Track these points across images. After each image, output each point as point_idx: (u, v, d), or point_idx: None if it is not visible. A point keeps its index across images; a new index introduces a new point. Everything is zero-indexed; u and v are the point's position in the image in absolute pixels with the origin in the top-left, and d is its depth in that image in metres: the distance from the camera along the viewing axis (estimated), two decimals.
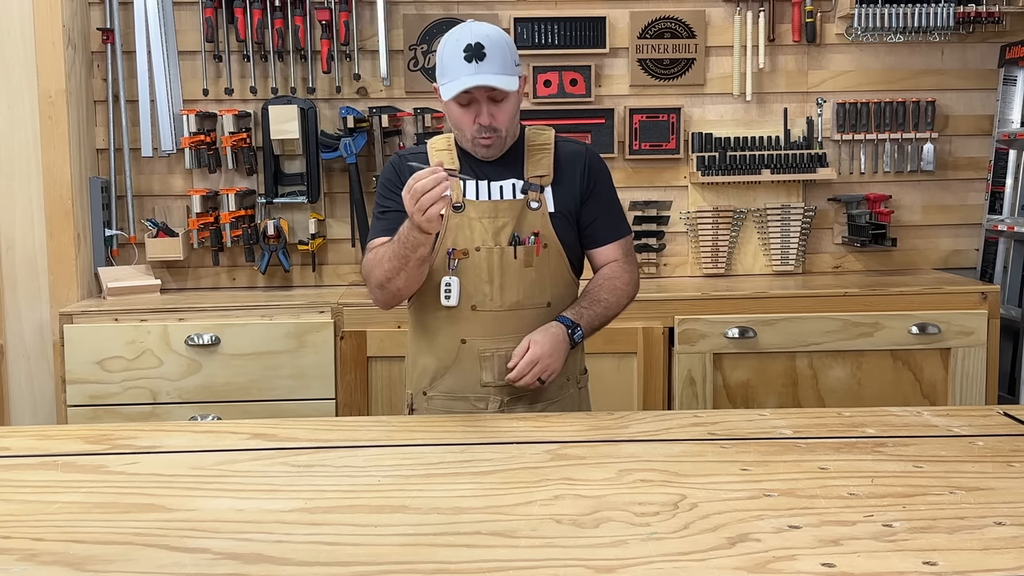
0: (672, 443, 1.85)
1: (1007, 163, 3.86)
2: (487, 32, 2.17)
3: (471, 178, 2.26)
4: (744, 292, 3.48)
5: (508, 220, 2.24)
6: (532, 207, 2.26)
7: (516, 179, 2.28)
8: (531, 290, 2.25)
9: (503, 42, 2.18)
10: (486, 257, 2.23)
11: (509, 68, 2.17)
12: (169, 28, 3.71)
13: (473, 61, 2.13)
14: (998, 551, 1.33)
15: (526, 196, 2.26)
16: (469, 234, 2.24)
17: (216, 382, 3.31)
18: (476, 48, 2.13)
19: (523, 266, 2.24)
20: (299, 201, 3.75)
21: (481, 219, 2.24)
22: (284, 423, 2.06)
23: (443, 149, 2.32)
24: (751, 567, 1.29)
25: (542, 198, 2.27)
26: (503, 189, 2.27)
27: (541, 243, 2.25)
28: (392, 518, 1.48)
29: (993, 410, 2.06)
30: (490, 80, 2.13)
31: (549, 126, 2.39)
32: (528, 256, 2.24)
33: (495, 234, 2.23)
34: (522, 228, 2.25)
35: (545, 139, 2.33)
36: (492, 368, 2.25)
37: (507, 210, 2.24)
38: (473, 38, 2.14)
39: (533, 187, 2.26)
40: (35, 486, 1.67)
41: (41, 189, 3.54)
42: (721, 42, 3.86)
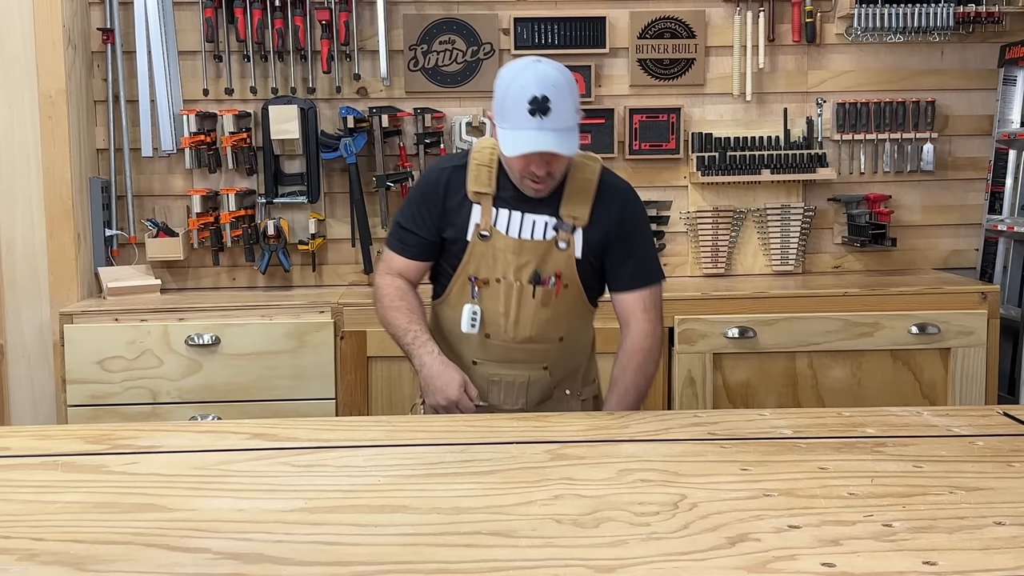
0: (672, 443, 1.85)
1: (1007, 163, 3.86)
2: (553, 80, 2.06)
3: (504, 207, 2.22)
4: (744, 292, 3.48)
5: (532, 259, 2.21)
6: (560, 247, 2.22)
7: (550, 216, 2.21)
8: (545, 327, 2.25)
9: (567, 90, 2.08)
10: (505, 290, 2.23)
11: (572, 119, 2.08)
12: (169, 28, 3.71)
13: (537, 116, 2.03)
14: (998, 551, 1.33)
15: (556, 235, 2.21)
16: (492, 264, 2.23)
17: (216, 382, 3.31)
18: (541, 102, 2.03)
19: (540, 305, 2.23)
20: (299, 201, 3.75)
21: (506, 252, 2.22)
22: (284, 423, 2.06)
23: (484, 164, 2.24)
24: (751, 567, 1.29)
25: (571, 239, 2.21)
26: (535, 225, 2.22)
27: (562, 284, 2.22)
28: (392, 518, 1.48)
29: (993, 410, 2.06)
30: (554, 145, 2.05)
31: (596, 156, 2.30)
32: (546, 297, 2.23)
33: (517, 270, 2.22)
34: (545, 266, 2.22)
35: (589, 175, 2.24)
36: (499, 392, 2.29)
37: (532, 249, 2.21)
38: (539, 89, 2.04)
39: (565, 227, 2.20)
40: (35, 486, 1.67)
41: (41, 189, 3.54)
42: (721, 42, 3.86)
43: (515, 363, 2.28)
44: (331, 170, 3.83)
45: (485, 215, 2.22)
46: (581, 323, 2.32)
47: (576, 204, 2.21)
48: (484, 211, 2.22)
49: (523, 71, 2.09)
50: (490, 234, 2.22)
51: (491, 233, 2.22)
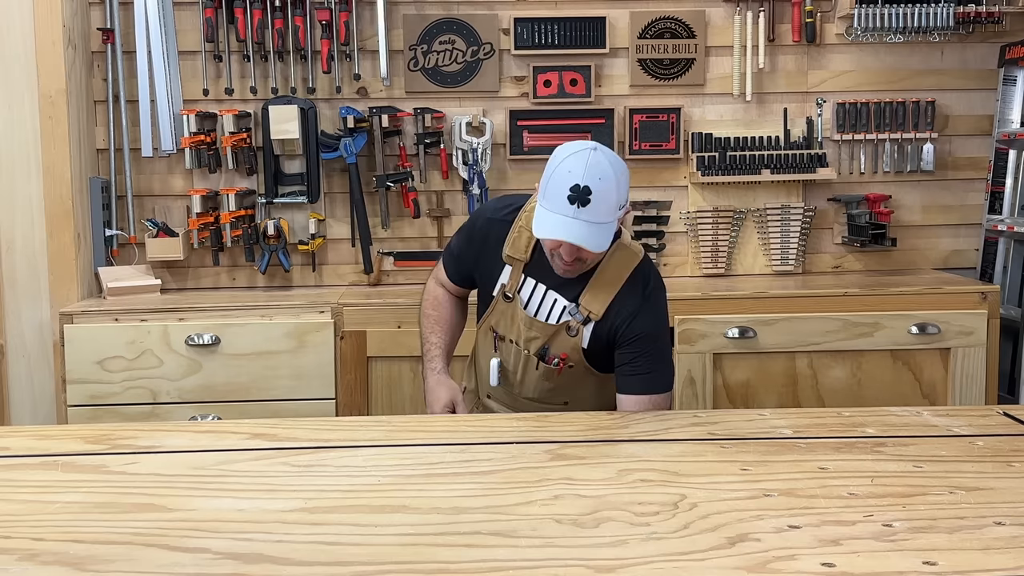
0: (672, 443, 1.86)
1: (1007, 163, 3.86)
2: (602, 172, 2.01)
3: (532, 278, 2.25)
4: (744, 292, 3.48)
5: (540, 336, 2.25)
6: (569, 333, 2.23)
7: (570, 299, 2.21)
8: (549, 394, 2.31)
9: (613, 186, 2.03)
10: (515, 353, 2.30)
11: (610, 215, 2.04)
12: (169, 28, 3.70)
13: (575, 204, 2.00)
14: (998, 551, 1.33)
15: (569, 320, 2.22)
16: (508, 324, 2.30)
17: (216, 382, 3.31)
18: (583, 192, 1.99)
19: (542, 378, 2.28)
20: (299, 201, 3.75)
21: (519, 322, 2.27)
22: (284, 423, 2.06)
23: (527, 229, 2.21)
24: (751, 567, 1.29)
25: (582, 330, 2.22)
26: (554, 305, 2.23)
27: (566, 365, 2.24)
28: (392, 518, 1.48)
29: (993, 410, 2.06)
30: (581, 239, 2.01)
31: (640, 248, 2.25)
32: (548, 373, 2.27)
33: (526, 341, 2.27)
34: (553, 345, 2.25)
35: (623, 268, 2.19)
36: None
37: (542, 329, 2.25)
38: (584, 179, 1.99)
39: (577, 316, 2.20)
40: (35, 486, 1.67)
41: (41, 189, 3.54)
42: (721, 42, 3.86)
43: (524, 410, 2.33)
44: (331, 170, 3.82)
45: (513, 279, 2.28)
46: (590, 390, 2.33)
47: (597, 297, 2.19)
48: (513, 275, 2.28)
49: (576, 155, 2.04)
50: (512, 298, 2.28)
51: (514, 298, 2.28)
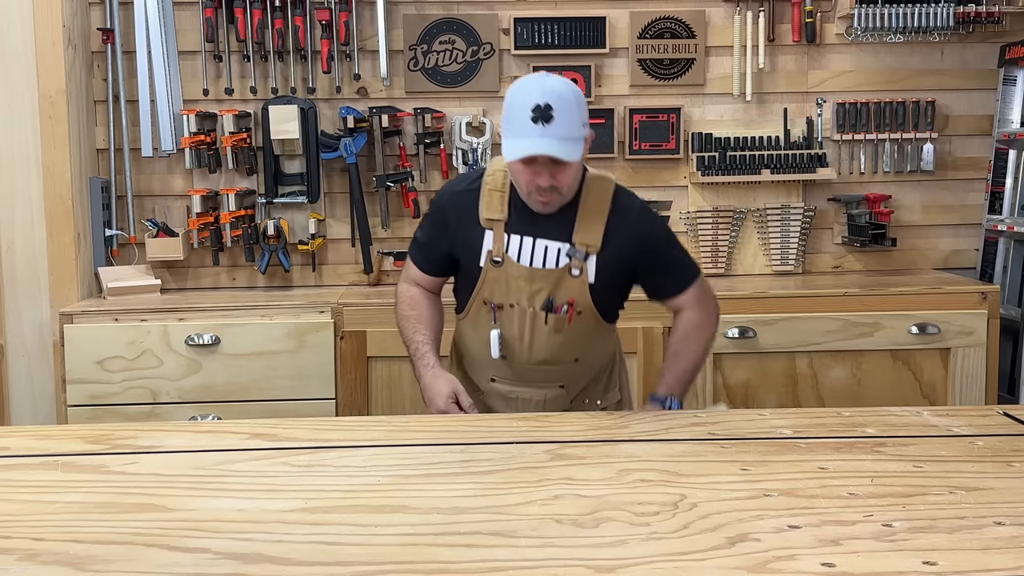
0: (672, 443, 1.85)
1: (1007, 163, 3.86)
2: (558, 90, 2.06)
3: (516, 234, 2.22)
4: (744, 292, 3.48)
5: (544, 286, 2.22)
6: (573, 274, 2.21)
7: (563, 241, 2.20)
8: (559, 351, 2.27)
9: (573, 102, 2.07)
10: (519, 316, 2.25)
11: (576, 130, 2.07)
12: (169, 28, 3.71)
13: (539, 123, 2.02)
14: (998, 551, 1.33)
15: (569, 262, 2.21)
16: (505, 290, 2.24)
17: (216, 382, 3.31)
18: (544, 110, 2.02)
19: (553, 332, 2.24)
20: (299, 201, 3.75)
21: (518, 279, 2.22)
22: (284, 423, 2.06)
23: (497, 190, 2.24)
24: (751, 567, 1.29)
25: (585, 267, 2.21)
26: (547, 251, 2.21)
27: (575, 311, 2.22)
28: (392, 518, 1.48)
29: (993, 410, 2.06)
30: (553, 150, 2.03)
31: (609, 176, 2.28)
32: (559, 324, 2.23)
33: (530, 297, 2.23)
34: (558, 294, 2.22)
35: (601, 197, 2.22)
36: (516, 408, 2.31)
37: (544, 277, 2.21)
38: (543, 98, 2.03)
39: (577, 254, 2.20)
40: (35, 486, 1.67)
41: (41, 189, 3.54)
42: (721, 42, 3.86)
43: (531, 383, 2.31)
44: (331, 170, 3.83)
45: (497, 242, 2.23)
46: (598, 342, 2.33)
47: (588, 230, 2.20)
48: (496, 238, 2.23)
49: (529, 82, 2.10)
50: (502, 260, 2.23)
51: (503, 260, 2.23)
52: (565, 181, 2.12)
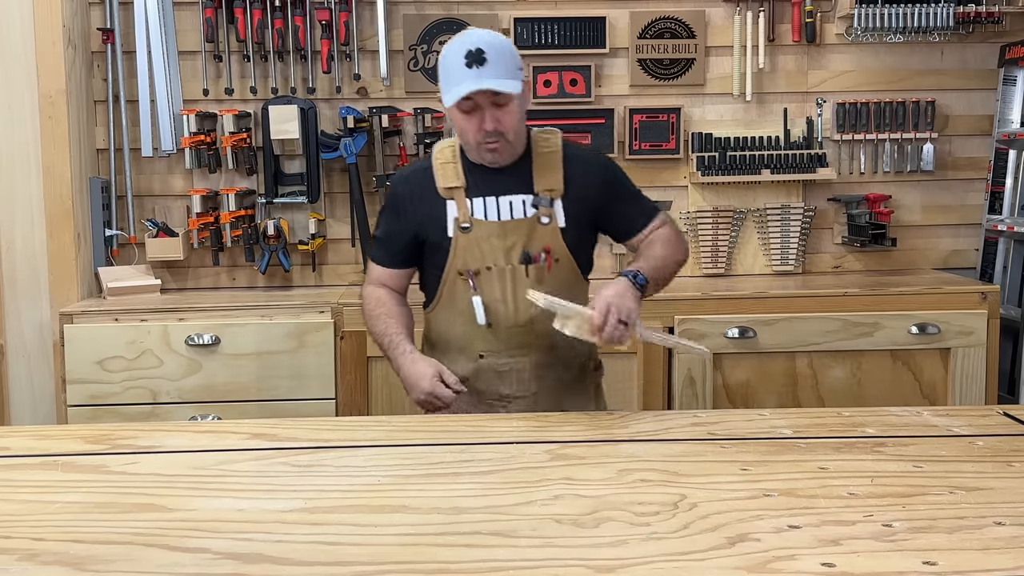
0: (672, 443, 1.85)
1: (1007, 163, 3.86)
2: (488, 38, 2.15)
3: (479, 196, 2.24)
4: (744, 292, 3.48)
5: (518, 239, 2.23)
6: (543, 222, 2.23)
7: (525, 194, 2.24)
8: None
9: (505, 47, 2.16)
10: (498, 276, 2.23)
11: (512, 73, 2.14)
12: (169, 28, 3.71)
13: (474, 67, 2.09)
14: (998, 551, 1.33)
15: (537, 211, 2.23)
16: (479, 254, 2.23)
17: (216, 382, 3.31)
18: (477, 54, 2.10)
19: (535, 282, 2.22)
20: (299, 201, 3.75)
21: (490, 238, 2.23)
22: (284, 423, 2.06)
23: (448, 162, 2.28)
24: (751, 567, 1.29)
25: (552, 212, 2.23)
26: (512, 205, 2.24)
27: (552, 258, 2.23)
28: (392, 518, 1.48)
29: (993, 410, 2.06)
30: (491, 84, 2.10)
31: (555, 127, 2.35)
32: (539, 273, 2.23)
33: (506, 253, 2.23)
34: (532, 244, 2.23)
35: (553, 146, 2.29)
36: (511, 381, 2.28)
37: (516, 229, 2.23)
38: (474, 44, 2.11)
39: (543, 202, 2.23)
40: (35, 486, 1.67)
41: (41, 189, 3.54)
42: (721, 42, 3.86)
43: (521, 348, 2.27)
44: (331, 170, 3.83)
45: (461, 208, 2.24)
46: (583, 296, 2.30)
47: (547, 177, 2.25)
48: (459, 204, 2.25)
49: (460, 37, 2.19)
50: (471, 225, 2.24)
51: (471, 224, 2.24)
52: (508, 123, 2.17)
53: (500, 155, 2.21)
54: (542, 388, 2.30)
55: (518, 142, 2.23)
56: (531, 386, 2.29)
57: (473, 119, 2.16)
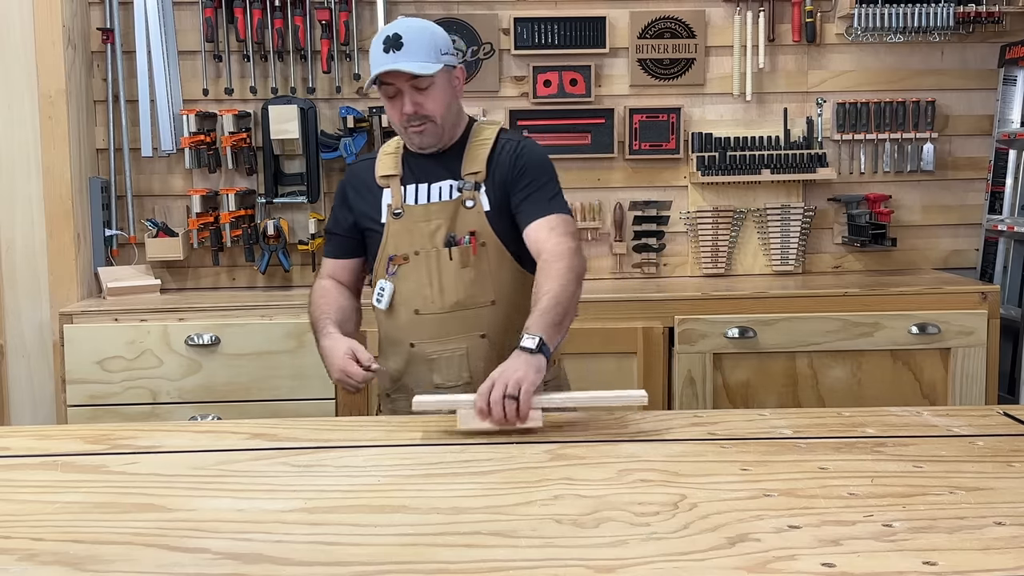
0: (672, 443, 1.85)
1: (1007, 163, 3.86)
2: (410, 24, 2.20)
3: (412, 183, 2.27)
4: (744, 292, 3.48)
5: (442, 221, 2.24)
6: (467, 206, 2.25)
7: (454, 179, 2.27)
8: (471, 289, 2.24)
9: (426, 33, 2.19)
10: (424, 260, 2.25)
11: (429, 56, 2.16)
12: (169, 28, 3.71)
13: (390, 51, 2.15)
14: (998, 551, 1.33)
15: (461, 195, 2.25)
16: (409, 239, 2.26)
17: (216, 382, 3.31)
18: (394, 39, 2.15)
19: (460, 267, 2.23)
20: (299, 201, 3.75)
21: (417, 223, 2.25)
22: (284, 423, 2.06)
23: (390, 153, 2.34)
24: (751, 567, 1.29)
25: (476, 196, 2.25)
26: (441, 190, 2.27)
27: (478, 242, 2.23)
28: (392, 518, 1.48)
29: (993, 410, 2.06)
30: (401, 65, 2.13)
31: (497, 122, 2.38)
32: (464, 256, 2.23)
33: (430, 236, 2.24)
34: (457, 228, 2.24)
35: (487, 135, 2.30)
36: (441, 369, 2.27)
37: (439, 211, 2.25)
38: (392, 30, 2.17)
39: (467, 186, 2.25)
40: (35, 486, 1.67)
41: (41, 189, 3.54)
42: (721, 42, 3.86)
43: (451, 335, 2.25)
44: (331, 170, 3.83)
45: (395, 196, 2.28)
46: (515, 285, 2.27)
47: (473, 163, 2.27)
48: (394, 192, 2.29)
49: (388, 25, 2.22)
50: (402, 211, 2.27)
51: (403, 210, 2.27)
52: (430, 107, 2.19)
53: (427, 138, 2.23)
54: (476, 376, 2.20)
55: (448, 126, 2.25)
56: (463, 374, 2.25)
57: (396, 103, 2.20)
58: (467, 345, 2.26)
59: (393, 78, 2.16)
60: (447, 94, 2.22)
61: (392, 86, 2.18)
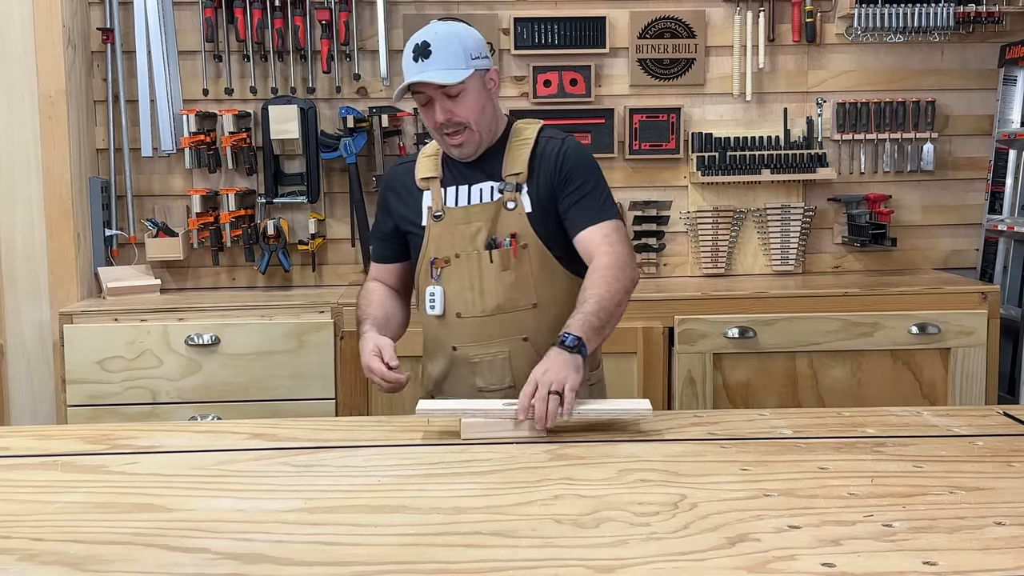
0: (672, 443, 1.85)
1: (1007, 163, 3.86)
2: (438, 30, 2.16)
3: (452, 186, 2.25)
4: (744, 292, 3.48)
5: (482, 223, 2.21)
6: (508, 208, 2.22)
7: (494, 181, 2.24)
8: (512, 292, 2.21)
9: (455, 39, 2.15)
10: (465, 263, 2.22)
11: (459, 63, 2.13)
12: (169, 28, 3.71)
13: (419, 60, 2.13)
14: (998, 551, 1.33)
15: (502, 197, 2.22)
16: (450, 241, 2.23)
17: (216, 382, 3.31)
18: (422, 47, 2.13)
19: (500, 269, 2.21)
20: (299, 201, 3.75)
21: (458, 225, 2.23)
22: (284, 423, 2.06)
23: (429, 155, 2.32)
24: (751, 567, 1.29)
25: (518, 197, 2.22)
26: (482, 192, 2.24)
27: (519, 244, 2.20)
28: (392, 518, 1.48)
29: (993, 410, 2.06)
30: (429, 76, 2.11)
31: (538, 119, 2.33)
32: (504, 259, 2.21)
33: (471, 239, 2.22)
34: (498, 230, 2.21)
35: (528, 134, 2.27)
36: (484, 373, 2.25)
37: (479, 213, 2.22)
38: (421, 38, 2.15)
39: (508, 187, 2.22)
40: (35, 486, 1.67)
41: (41, 189, 3.54)
42: (721, 42, 3.86)
43: (492, 339, 2.22)
44: (331, 170, 3.83)
45: (435, 198, 2.26)
46: (558, 288, 2.25)
47: (514, 163, 2.24)
48: (434, 194, 2.26)
49: (419, 32, 2.19)
50: (443, 213, 2.24)
51: (443, 212, 2.24)
52: (464, 112, 2.16)
53: (466, 148, 2.21)
54: (519, 380, 2.20)
55: (485, 130, 2.22)
56: (506, 378, 2.24)
57: (430, 111, 2.18)
58: (509, 348, 2.24)
59: (423, 87, 2.14)
60: (480, 98, 2.18)
61: (423, 94, 2.15)
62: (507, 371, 2.24)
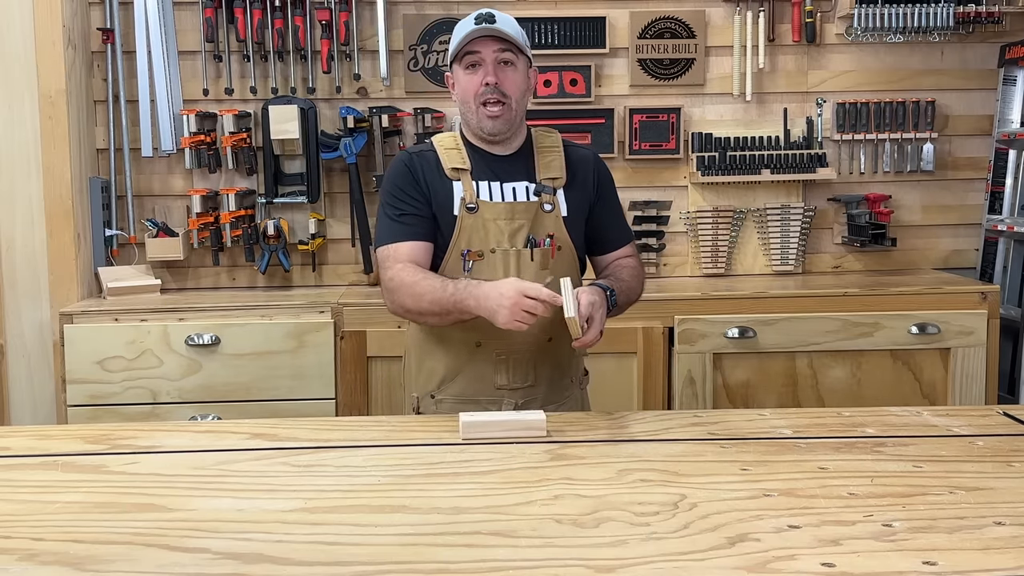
0: (672, 443, 1.86)
1: (1007, 163, 3.87)
2: (498, 11, 2.22)
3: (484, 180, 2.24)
4: (744, 292, 3.48)
5: (524, 222, 2.22)
6: (546, 209, 2.24)
7: (528, 181, 2.26)
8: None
9: (514, 22, 2.22)
10: (502, 259, 2.21)
11: (518, 36, 2.20)
12: (169, 28, 3.71)
13: (483, 23, 2.16)
14: (998, 551, 1.33)
15: (540, 198, 2.24)
16: (484, 235, 2.21)
17: (216, 382, 3.31)
18: (487, 15, 2.18)
19: (539, 268, 2.21)
20: (299, 201, 3.75)
21: (496, 220, 2.21)
22: (284, 423, 2.06)
23: (451, 148, 2.27)
24: (751, 567, 1.29)
25: (555, 201, 2.25)
26: (516, 190, 2.25)
27: (556, 245, 2.23)
28: (392, 518, 1.48)
29: (993, 410, 2.06)
30: (497, 29, 2.15)
31: (555, 128, 2.38)
32: (544, 259, 2.22)
33: (511, 236, 2.21)
34: (537, 230, 2.23)
35: (553, 141, 2.32)
36: (506, 371, 2.24)
37: (523, 212, 2.22)
38: (485, 10, 2.20)
39: (546, 189, 2.25)
40: (35, 486, 1.67)
41: (41, 189, 3.54)
42: (721, 42, 3.86)
43: (518, 337, 2.15)
44: (331, 170, 3.83)
45: (468, 189, 2.23)
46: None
47: (549, 168, 2.27)
48: (466, 185, 2.24)
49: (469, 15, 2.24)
50: (476, 206, 2.22)
51: (477, 205, 2.22)
52: (510, 87, 2.19)
53: (500, 123, 2.20)
54: (539, 380, 2.26)
55: (519, 116, 2.25)
56: (528, 377, 2.25)
57: (476, 75, 2.19)
58: (534, 347, 2.24)
59: (482, 45, 2.17)
60: (525, 82, 2.24)
61: (478, 53, 2.17)
62: (530, 370, 2.25)
